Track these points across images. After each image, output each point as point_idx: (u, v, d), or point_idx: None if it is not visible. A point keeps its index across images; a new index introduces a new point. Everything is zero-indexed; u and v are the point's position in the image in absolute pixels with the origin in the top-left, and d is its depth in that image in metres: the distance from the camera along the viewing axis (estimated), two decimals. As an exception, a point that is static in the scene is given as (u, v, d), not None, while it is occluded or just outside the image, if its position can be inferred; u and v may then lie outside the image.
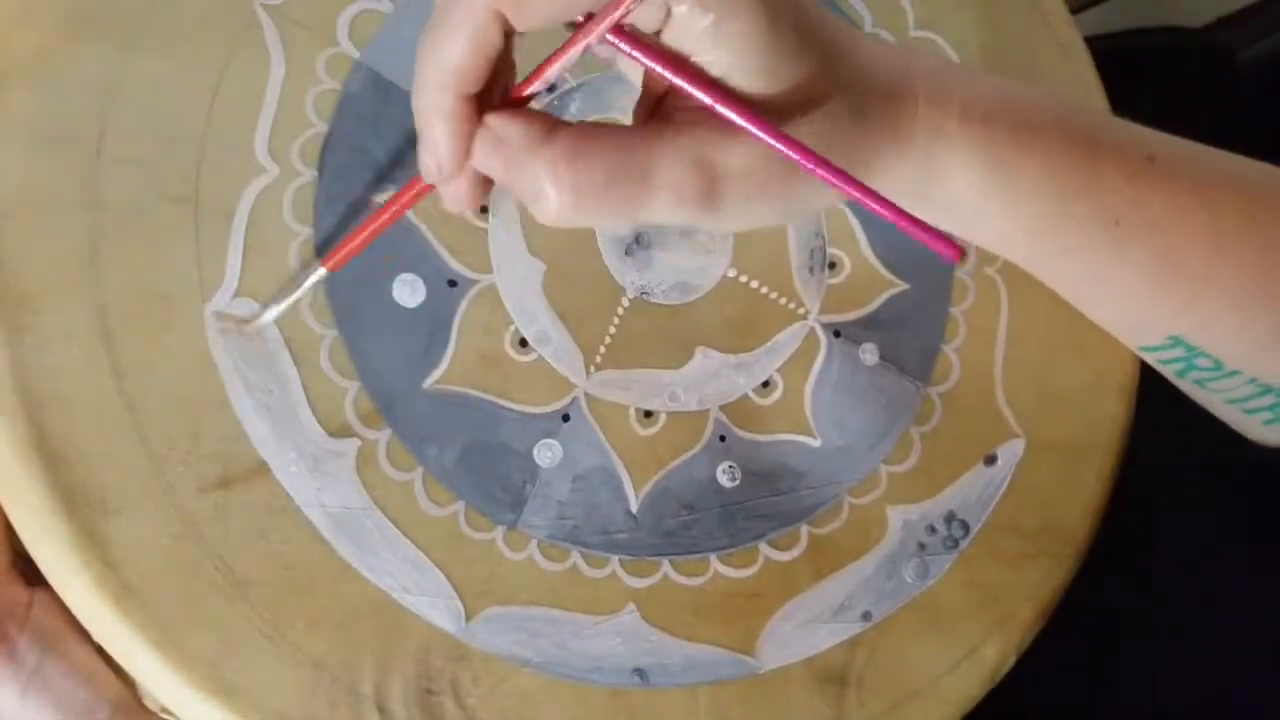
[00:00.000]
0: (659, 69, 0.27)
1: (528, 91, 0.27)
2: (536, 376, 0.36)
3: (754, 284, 0.39)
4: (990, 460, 0.40)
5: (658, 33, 0.27)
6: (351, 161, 0.35)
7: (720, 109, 0.27)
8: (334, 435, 0.33)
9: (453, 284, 0.35)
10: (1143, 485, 0.44)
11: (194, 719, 0.31)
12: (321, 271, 0.33)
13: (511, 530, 0.35)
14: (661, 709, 0.35)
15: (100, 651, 0.33)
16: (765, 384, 0.38)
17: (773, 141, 0.26)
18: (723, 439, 0.37)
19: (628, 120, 0.38)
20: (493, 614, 0.34)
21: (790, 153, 0.26)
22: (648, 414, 0.37)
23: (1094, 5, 0.66)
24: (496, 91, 0.27)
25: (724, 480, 0.37)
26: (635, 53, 0.27)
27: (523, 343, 0.36)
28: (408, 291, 0.35)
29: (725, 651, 0.36)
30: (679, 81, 0.27)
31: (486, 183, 0.28)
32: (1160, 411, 0.43)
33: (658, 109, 0.29)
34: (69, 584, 0.31)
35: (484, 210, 0.36)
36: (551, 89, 0.38)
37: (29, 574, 0.32)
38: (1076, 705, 0.45)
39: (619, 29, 0.26)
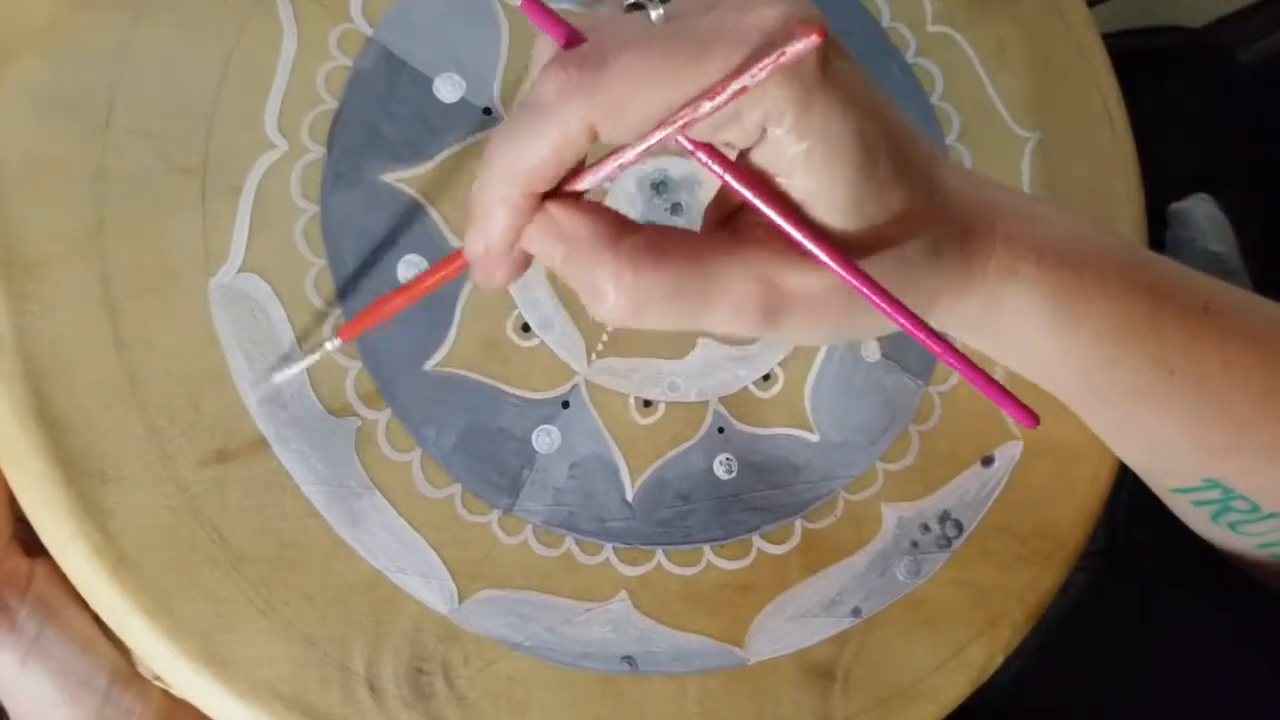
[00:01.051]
0: (736, 185, 0.26)
1: (582, 185, 0.26)
2: (537, 362, 0.36)
3: (759, 276, 0.39)
4: (988, 461, 0.40)
5: (748, 150, 0.26)
6: (361, 140, 0.35)
7: (795, 235, 0.26)
8: (334, 414, 0.34)
9: (457, 266, 0.35)
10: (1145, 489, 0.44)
11: (186, 689, 0.32)
12: (338, 341, 0.32)
13: (507, 514, 0.35)
14: (650, 697, 0.35)
15: (97, 620, 0.33)
16: (766, 377, 0.38)
17: (846, 276, 0.26)
18: (721, 431, 0.38)
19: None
20: (485, 596, 0.34)
21: (866, 292, 0.26)
22: (647, 403, 0.37)
23: (1095, 5, 0.65)
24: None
25: (720, 472, 0.37)
26: (714, 164, 0.26)
27: (525, 328, 0.36)
28: (412, 273, 0.35)
29: (714, 642, 0.36)
30: (756, 203, 0.26)
31: (523, 265, 0.28)
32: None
33: (729, 220, 0.28)
34: (66, 552, 0.31)
35: (491, 193, 0.36)
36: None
37: (30, 544, 0.33)
38: (1076, 708, 0.45)
39: (706, 144, 0.26)
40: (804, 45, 0.23)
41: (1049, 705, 0.45)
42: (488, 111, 0.36)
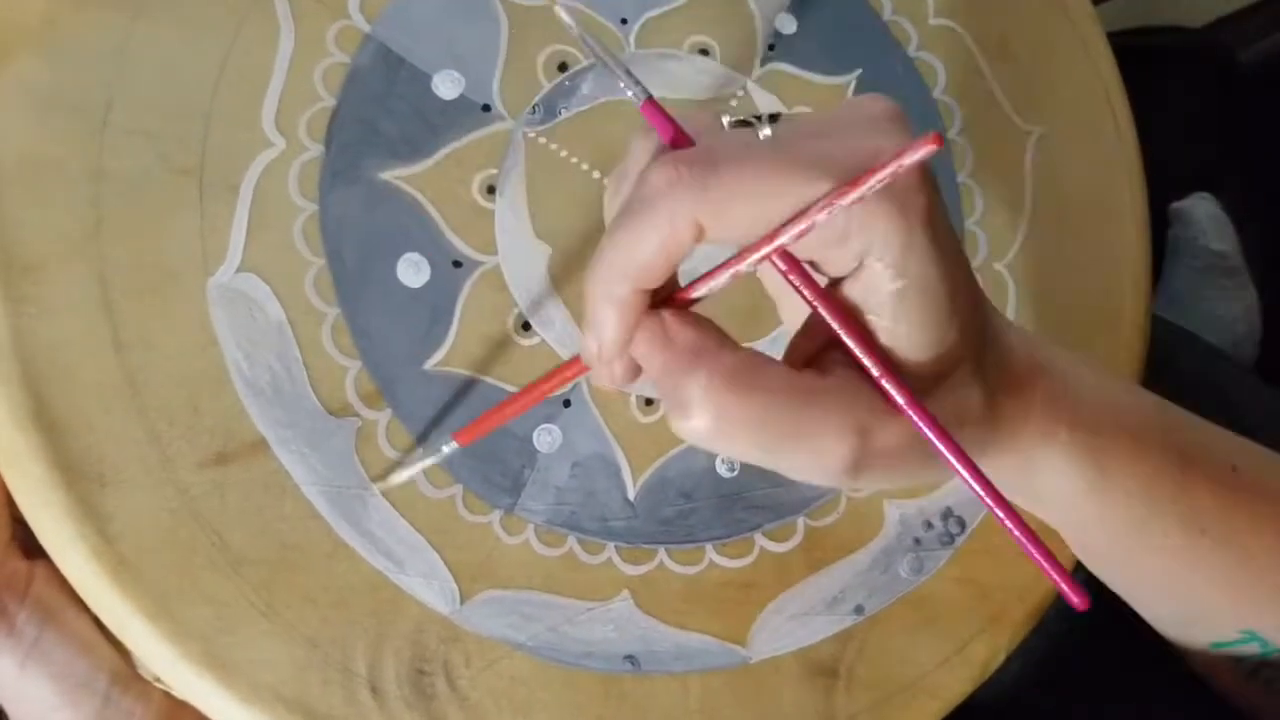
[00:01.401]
0: (834, 324, 0.26)
1: (697, 294, 0.26)
2: (538, 361, 0.36)
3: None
4: (990, 458, 0.40)
5: (840, 280, 0.26)
6: (359, 137, 0.35)
7: (890, 390, 0.26)
8: (334, 414, 0.33)
9: (458, 265, 0.35)
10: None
11: (187, 692, 0.32)
12: (454, 445, 0.32)
13: (509, 514, 0.35)
14: (652, 696, 0.35)
15: (97, 622, 0.33)
16: (768, 375, 0.38)
17: (934, 438, 0.26)
18: (723, 429, 0.37)
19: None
20: (487, 597, 0.34)
21: (948, 453, 0.26)
22: (649, 402, 0.37)
23: (1096, 4, 0.66)
24: (665, 290, 0.27)
25: (722, 470, 0.37)
26: (813, 297, 0.26)
27: (525, 326, 0.36)
28: (412, 271, 0.35)
29: (717, 641, 0.36)
30: (854, 348, 0.26)
31: (638, 371, 0.28)
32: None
33: (815, 358, 0.28)
34: (66, 555, 0.31)
35: (490, 190, 0.36)
36: (562, 68, 0.37)
37: (29, 546, 0.33)
38: (1076, 707, 0.45)
39: (799, 268, 0.26)
40: (924, 151, 0.23)
41: (1049, 704, 0.45)
42: (486, 108, 0.36)
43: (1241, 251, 0.75)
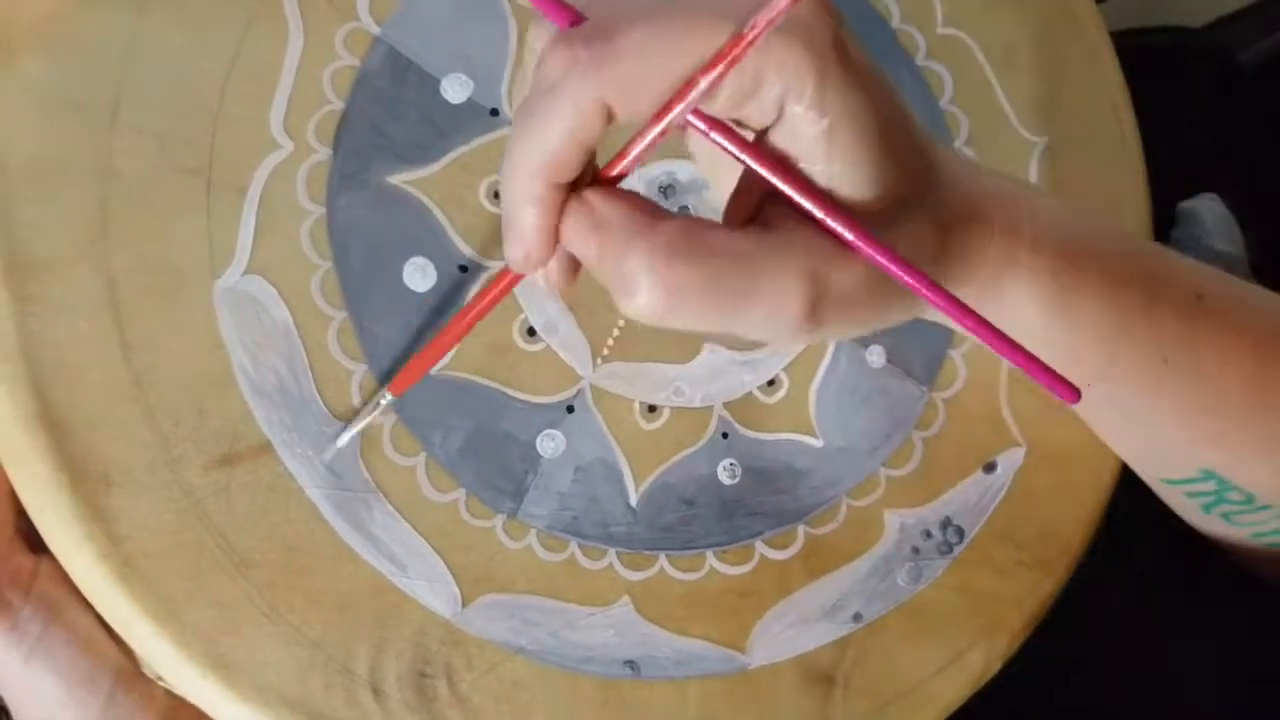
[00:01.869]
0: (766, 173, 0.25)
1: (618, 170, 0.25)
2: (543, 366, 0.36)
3: (765, 281, 0.39)
4: (990, 468, 0.40)
5: (765, 130, 0.25)
6: (367, 141, 0.35)
7: (837, 228, 0.25)
8: (339, 418, 0.33)
9: (463, 269, 0.35)
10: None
11: (191, 692, 0.32)
12: (389, 396, 0.33)
13: (511, 519, 0.35)
14: (651, 701, 0.35)
15: (102, 620, 0.33)
16: (771, 382, 0.38)
17: (892, 266, 0.25)
18: (725, 436, 0.38)
19: None
20: (489, 601, 0.34)
21: (910, 279, 0.25)
22: (652, 408, 0.37)
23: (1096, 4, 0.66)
24: (585, 175, 0.25)
25: (724, 477, 0.37)
26: (739, 151, 0.25)
27: (531, 332, 0.36)
28: (418, 275, 0.35)
29: (716, 647, 0.36)
30: (791, 193, 0.25)
31: (576, 267, 0.27)
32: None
33: (757, 212, 0.26)
34: (72, 556, 0.31)
35: (497, 195, 0.36)
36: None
37: (34, 541, 0.33)
38: (1075, 708, 0.45)
39: (722, 125, 0.25)
40: None
41: (1048, 705, 0.45)
42: (495, 112, 0.36)
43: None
